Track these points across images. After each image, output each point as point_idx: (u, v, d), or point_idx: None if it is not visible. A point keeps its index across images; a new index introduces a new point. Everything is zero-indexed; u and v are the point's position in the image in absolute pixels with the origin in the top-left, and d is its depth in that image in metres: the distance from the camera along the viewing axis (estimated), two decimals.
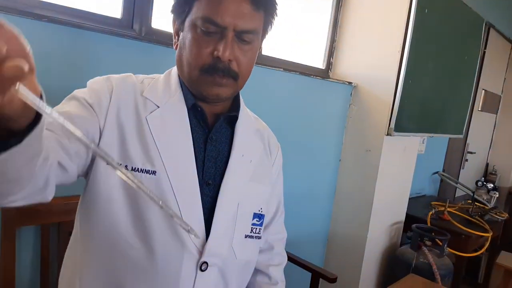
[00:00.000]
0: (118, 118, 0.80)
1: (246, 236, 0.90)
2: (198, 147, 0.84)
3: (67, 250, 0.92)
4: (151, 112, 0.82)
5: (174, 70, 0.90)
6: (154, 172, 0.78)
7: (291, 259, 1.73)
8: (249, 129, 0.95)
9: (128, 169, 0.78)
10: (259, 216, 0.93)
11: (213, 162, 0.86)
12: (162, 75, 0.91)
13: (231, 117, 0.91)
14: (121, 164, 0.78)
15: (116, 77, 0.86)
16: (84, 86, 0.86)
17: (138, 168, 0.78)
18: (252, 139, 0.96)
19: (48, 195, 0.68)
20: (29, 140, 0.48)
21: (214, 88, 0.80)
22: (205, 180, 0.84)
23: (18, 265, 1.22)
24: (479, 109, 3.86)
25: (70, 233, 1.30)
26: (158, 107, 0.83)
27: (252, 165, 0.92)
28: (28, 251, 1.25)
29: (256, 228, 0.93)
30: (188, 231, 0.52)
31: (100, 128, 0.78)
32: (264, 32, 0.86)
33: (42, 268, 1.25)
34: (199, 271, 0.81)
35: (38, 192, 0.64)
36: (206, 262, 0.81)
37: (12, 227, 1.17)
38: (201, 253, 0.81)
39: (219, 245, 0.83)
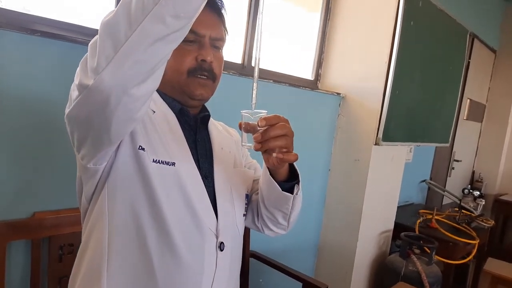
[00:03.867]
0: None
1: (243, 215, 1.03)
2: (191, 148, 0.93)
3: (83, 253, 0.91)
4: (153, 114, 0.89)
5: None
6: (173, 164, 0.85)
7: (281, 269, 1.74)
8: (215, 125, 1.06)
9: (153, 161, 0.84)
10: (246, 196, 1.05)
11: (204, 159, 0.96)
12: None
13: (205, 117, 1.01)
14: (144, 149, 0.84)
15: None
16: None
17: (160, 160, 0.84)
18: (222, 133, 1.07)
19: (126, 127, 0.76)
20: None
21: (199, 88, 0.91)
22: (203, 175, 0.93)
23: (8, 279, 1.21)
24: (465, 118, 3.93)
25: (60, 247, 1.31)
26: (154, 112, 0.90)
27: (232, 155, 1.05)
28: (18, 265, 1.24)
29: (247, 207, 1.05)
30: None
31: None
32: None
33: (32, 282, 1.24)
34: (219, 252, 0.90)
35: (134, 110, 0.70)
36: (223, 242, 0.91)
37: (2, 242, 1.16)
38: (217, 236, 0.90)
39: (228, 225, 0.94)
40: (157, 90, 0.90)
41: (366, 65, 2.25)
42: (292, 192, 0.99)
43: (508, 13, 4.27)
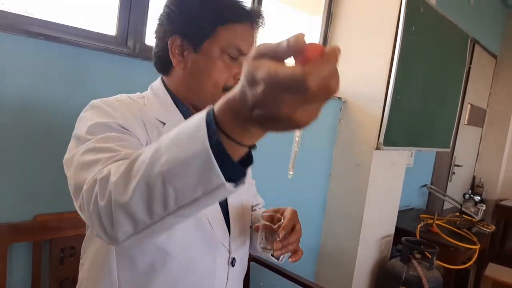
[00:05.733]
0: (147, 134, 0.83)
1: (250, 227, 1.03)
2: None
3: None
4: (162, 128, 0.87)
5: (160, 88, 0.93)
6: None
7: (282, 273, 1.73)
8: None
9: None
10: (251, 208, 1.07)
11: None
12: (148, 93, 0.93)
13: None
14: None
15: (117, 98, 0.86)
16: (78, 103, 0.88)
17: None
18: None
19: None
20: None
21: None
22: None
23: (9, 282, 1.21)
24: (465, 123, 3.93)
25: (62, 250, 1.31)
26: (164, 124, 0.87)
27: None
28: (20, 268, 1.24)
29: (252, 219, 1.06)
30: None
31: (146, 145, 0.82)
32: None
33: (33, 285, 1.24)
34: (230, 267, 0.92)
35: None
36: (234, 258, 0.93)
37: (3, 244, 1.16)
38: (229, 251, 0.91)
39: (239, 240, 0.95)
40: (172, 94, 0.91)
41: (368, 69, 2.26)
42: None
43: (509, 18, 4.29)
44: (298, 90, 0.40)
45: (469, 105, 3.89)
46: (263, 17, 0.89)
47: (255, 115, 0.44)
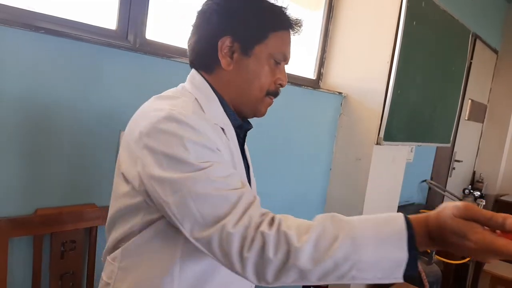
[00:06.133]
0: (222, 144, 0.84)
1: None
2: (243, 163, 0.95)
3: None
4: (224, 135, 0.87)
5: (208, 88, 0.90)
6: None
7: None
8: None
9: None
10: None
11: (248, 174, 1.00)
12: (196, 94, 0.88)
13: (248, 130, 1.01)
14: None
15: (185, 107, 0.81)
16: (78, 96, 0.87)
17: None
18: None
19: None
20: None
21: (266, 108, 0.95)
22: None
23: (10, 275, 1.22)
24: (466, 118, 3.93)
25: (63, 244, 1.31)
26: (223, 129, 0.88)
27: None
28: (20, 262, 1.25)
29: None
30: None
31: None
32: None
33: (33, 279, 1.25)
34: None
35: None
36: None
37: (4, 238, 1.17)
38: None
39: None
40: (221, 97, 0.90)
41: (368, 64, 2.25)
42: None
43: (510, 14, 4.27)
44: (502, 257, 0.59)
45: (469, 101, 3.89)
46: (302, 26, 0.94)
47: (449, 247, 0.64)
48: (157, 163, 0.73)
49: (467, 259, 2.52)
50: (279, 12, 0.89)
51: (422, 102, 2.52)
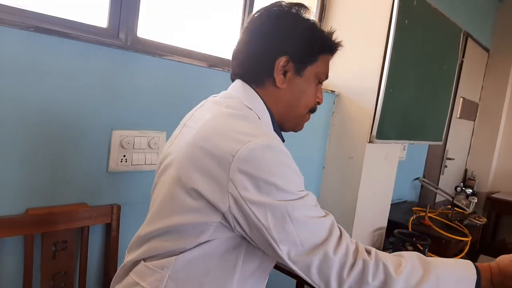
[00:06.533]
0: None
1: None
2: None
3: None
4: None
5: (263, 105, 0.93)
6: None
7: (275, 265, 1.74)
8: None
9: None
10: None
11: None
12: (255, 114, 0.91)
13: None
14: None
15: (276, 139, 0.84)
16: (68, 96, 0.86)
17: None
18: None
19: None
20: None
21: (303, 124, 1.04)
22: None
23: (1, 275, 1.21)
24: (458, 116, 3.95)
25: (54, 244, 1.30)
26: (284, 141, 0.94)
27: None
28: (11, 262, 1.24)
29: None
30: None
31: None
32: None
33: (25, 279, 1.24)
34: None
35: None
36: None
37: None
38: None
39: None
40: (271, 112, 0.94)
41: (361, 63, 2.26)
42: None
43: (501, 12, 4.31)
44: None
45: (461, 99, 3.92)
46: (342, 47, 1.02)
47: None
48: (256, 188, 0.76)
49: (460, 256, 2.53)
50: (329, 36, 0.97)
51: (414, 100, 2.53)
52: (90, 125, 1.34)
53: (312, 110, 1.01)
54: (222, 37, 1.86)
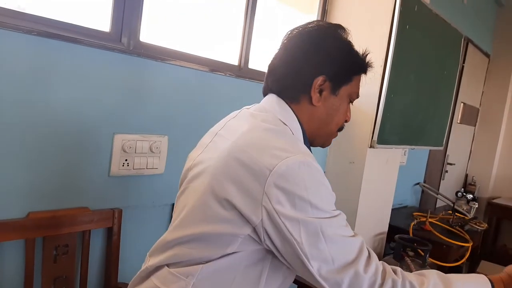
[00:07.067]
0: None
1: None
2: None
3: None
4: None
5: (296, 122, 0.95)
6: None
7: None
8: None
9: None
10: None
11: None
12: (289, 130, 0.92)
13: None
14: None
15: (311, 157, 0.85)
16: (70, 98, 0.86)
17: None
18: None
19: None
20: None
21: (331, 141, 1.05)
22: None
23: (2, 279, 1.21)
24: (458, 122, 3.96)
25: (55, 248, 1.30)
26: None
27: None
28: (12, 265, 1.24)
29: None
30: None
31: None
32: None
33: (26, 283, 1.24)
34: None
35: None
36: None
37: None
38: None
39: None
40: (303, 128, 0.95)
41: None
42: None
43: (501, 17, 4.32)
44: None
45: (462, 104, 3.92)
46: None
47: None
48: (291, 204, 0.77)
49: (461, 261, 2.53)
50: (364, 58, 1.01)
51: (415, 105, 2.53)
52: (92, 129, 1.34)
53: (341, 128, 1.03)
54: (224, 42, 1.87)
